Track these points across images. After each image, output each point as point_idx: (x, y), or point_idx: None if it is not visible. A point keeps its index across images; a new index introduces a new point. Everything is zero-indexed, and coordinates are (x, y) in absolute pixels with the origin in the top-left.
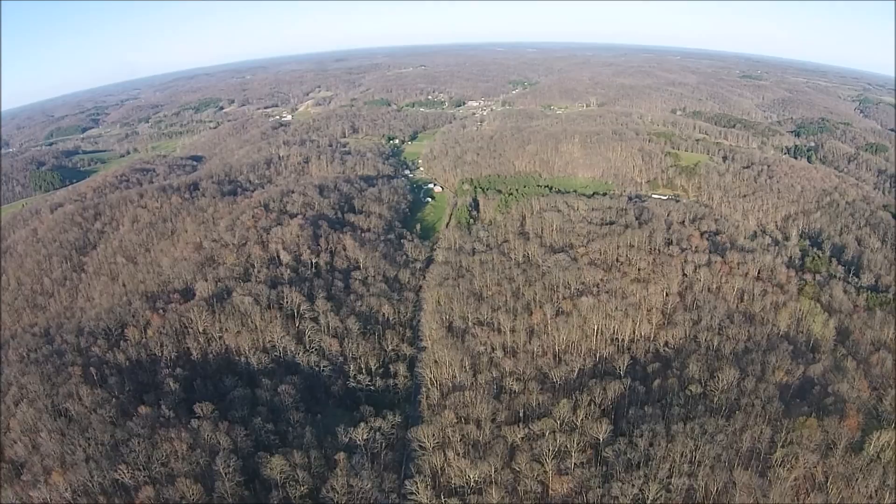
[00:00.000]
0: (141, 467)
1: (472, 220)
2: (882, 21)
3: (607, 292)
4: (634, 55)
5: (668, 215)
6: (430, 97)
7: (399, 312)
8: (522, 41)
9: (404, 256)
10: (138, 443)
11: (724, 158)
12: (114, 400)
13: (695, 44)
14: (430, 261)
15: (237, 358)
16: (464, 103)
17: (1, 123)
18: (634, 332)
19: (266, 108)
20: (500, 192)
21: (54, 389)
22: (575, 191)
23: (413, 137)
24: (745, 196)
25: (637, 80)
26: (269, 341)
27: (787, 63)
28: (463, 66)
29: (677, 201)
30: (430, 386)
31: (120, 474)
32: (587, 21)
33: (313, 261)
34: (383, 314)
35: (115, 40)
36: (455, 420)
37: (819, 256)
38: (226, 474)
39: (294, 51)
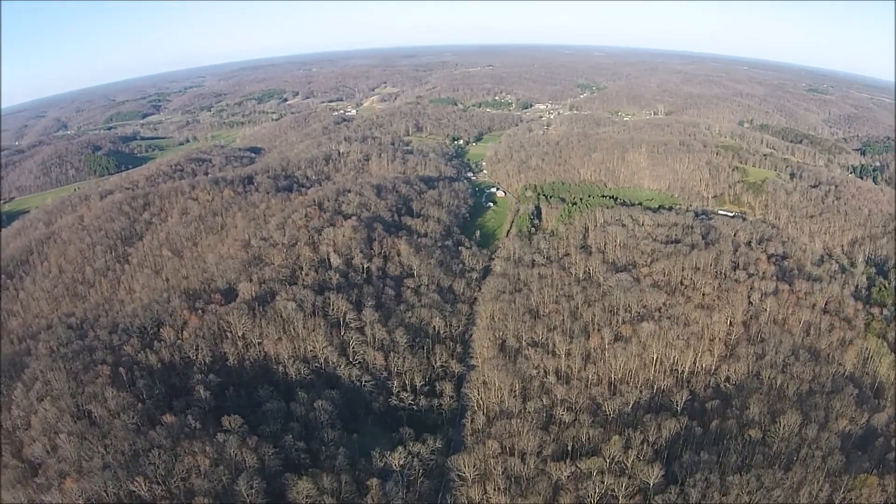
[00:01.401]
0: (159, 481)
1: (533, 230)
2: None
3: (669, 318)
4: (702, 63)
5: (734, 235)
6: (496, 98)
7: (451, 326)
8: (591, 44)
9: (461, 265)
10: (159, 454)
11: (792, 176)
12: (140, 405)
13: (761, 54)
14: (487, 271)
15: (275, 367)
16: (531, 105)
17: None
18: (695, 364)
19: (330, 101)
20: (563, 200)
21: (80, 388)
22: (640, 203)
23: (478, 139)
24: (811, 217)
25: (705, 90)
26: (311, 351)
27: (853, 78)
28: (531, 68)
29: (744, 219)
30: (476, 409)
31: (136, 486)
32: (654, 24)
33: (365, 265)
34: (434, 327)
35: (184, 28)
36: (499, 450)
37: (885, 287)
38: (248, 496)
39: (362, 45)
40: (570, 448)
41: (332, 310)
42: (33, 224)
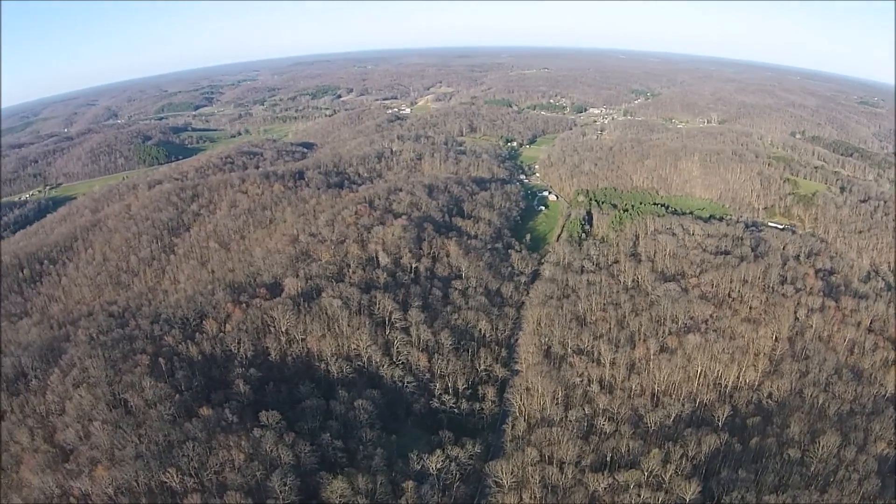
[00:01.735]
0: (192, 473)
1: (584, 235)
2: None
3: (715, 331)
4: (756, 72)
5: (783, 248)
6: (551, 101)
7: (497, 329)
8: (647, 49)
9: (510, 268)
10: (193, 447)
11: (842, 189)
12: (177, 396)
13: (814, 65)
14: (535, 275)
15: (317, 364)
16: (585, 110)
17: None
18: (739, 379)
19: (384, 99)
20: (615, 206)
21: (117, 377)
22: (691, 212)
23: (532, 141)
24: (860, 232)
25: (758, 99)
26: (354, 349)
27: None
28: (586, 72)
29: (793, 233)
30: (517, 415)
31: (168, 477)
32: (709, 30)
33: (413, 265)
34: (480, 330)
35: (239, 22)
36: (537, 458)
37: None
38: (281, 492)
39: (417, 44)
40: (609, 459)
41: (378, 309)
42: (79, 210)
